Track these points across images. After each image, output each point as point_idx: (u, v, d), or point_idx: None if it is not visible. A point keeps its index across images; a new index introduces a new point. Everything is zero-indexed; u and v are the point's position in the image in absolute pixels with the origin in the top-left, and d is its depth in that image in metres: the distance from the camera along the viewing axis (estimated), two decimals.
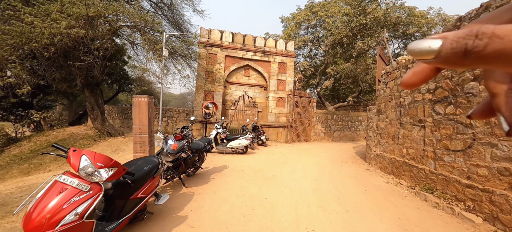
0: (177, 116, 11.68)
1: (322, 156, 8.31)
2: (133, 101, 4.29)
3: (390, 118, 5.96)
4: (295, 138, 12.35)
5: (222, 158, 7.00)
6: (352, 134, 14.29)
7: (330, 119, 13.68)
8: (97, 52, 6.92)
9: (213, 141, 7.40)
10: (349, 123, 14.26)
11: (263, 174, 5.23)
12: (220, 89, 11.87)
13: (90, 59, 6.84)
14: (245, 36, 12.55)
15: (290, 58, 12.97)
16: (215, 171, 5.28)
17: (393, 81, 5.94)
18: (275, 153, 8.49)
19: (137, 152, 4.28)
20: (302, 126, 12.62)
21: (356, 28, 8.34)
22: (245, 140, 7.41)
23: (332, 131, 13.69)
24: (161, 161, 2.88)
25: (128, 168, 2.38)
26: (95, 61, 7.04)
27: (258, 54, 12.50)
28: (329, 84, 13.61)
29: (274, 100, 12.52)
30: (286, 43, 13.12)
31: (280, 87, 12.73)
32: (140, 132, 4.30)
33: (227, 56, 12.19)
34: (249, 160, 6.79)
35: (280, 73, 12.75)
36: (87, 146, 7.97)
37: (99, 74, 8.59)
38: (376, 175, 5.79)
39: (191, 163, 4.26)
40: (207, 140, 4.77)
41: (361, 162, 7.40)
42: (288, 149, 9.67)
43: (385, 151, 6.04)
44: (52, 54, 6.91)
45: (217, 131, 7.43)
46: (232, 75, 12.54)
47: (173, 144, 3.41)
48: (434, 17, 14.98)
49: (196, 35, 9.61)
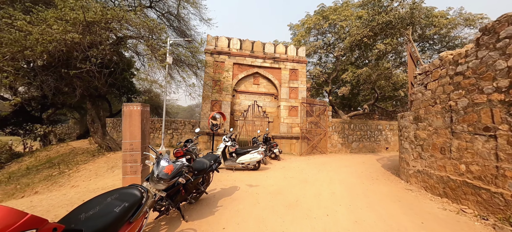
0: (183, 128, 10.94)
1: (346, 172, 7.20)
2: (123, 111, 3.49)
3: (434, 126, 4.89)
4: (310, 150, 11.26)
5: (231, 175, 6.05)
6: (372, 144, 13.03)
7: (348, 129, 12.54)
8: (95, 60, 6.32)
9: (221, 156, 6.51)
10: (368, 132, 13.06)
11: (283, 199, 4.23)
12: (228, 98, 11.10)
13: (86, 66, 6.23)
14: (254, 43, 11.90)
15: (302, 64, 12.15)
16: (224, 194, 4.33)
17: (436, 81, 4.92)
18: (292, 168, 7.45)
19: (126, 173, 3.42)
20: (317, 136, 11.55)
21: (378, 26, 7.48)
22: (257, 154, 6.46)
23: (350, 142, 12.51)
24: (146, 194, 1.99)
25: (88, 211, 1.50)
26: (92, 69, 6.43)
27: (268, 61, 11.77)
28: (345, 91, 12.59)
29: (286, 110, 11.60)
30: (297, 49, 12.36)
31: (292, 96, 11.84)
32: (131, 148, 3.46)
33: (235, 64, 11.51)
34: (263, 178, 5.80)
35: (291, 81, 11.90)
36: (83, 162, 7.27)
37: (101, 85, 8.03)
38: (422, 197, 4.66)
39: (194, 187, 3.34)
40: (214, 157, 3.87)
41: (395, 180, 6.24)
42: (304, 163, 8.61)
43: (431, 167, 4.92)
44: (47, 63, 6.38)
45: (226, 144, 6.55)
46: (240, 84, 11.79)
47: (167, 166, 2.52)
48: (455, 17, 13.91)
49: (202, 41, 8.99)
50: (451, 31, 13.97)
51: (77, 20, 6.16)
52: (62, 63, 7.36)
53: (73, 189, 5.16)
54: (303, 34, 15.20)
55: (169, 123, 11.15)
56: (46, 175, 6.36)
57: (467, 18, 13.57)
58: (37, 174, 6.64)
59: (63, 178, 5.99)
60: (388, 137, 13.56)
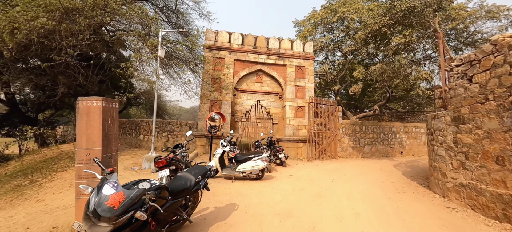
0: (179, 130, 10.02)
1: (364, 181, 6.18)
2: (77, 107, 2.57)
3: (486, 129, 3.85)
4: (319, 154, 10.23)
5: (229, 187, 5.08)
6: (385, 148, 11.92)
7: (359, 131, 11.47)
8: (72, 51, 5.44)
9: (218, 163, 5.55)
10: (381, 135, 11.96)
11: (295, 223, 3.24)
12: (228, 98, 10.17)
13: (61, 58, 5.35)
14: (257, 38, 10.97)
15: (309, 61, 11.16)
16: (217, 217, 3.36)
17: (488, 72, 3.89)
18: (300, 177, 6.45)
19: (81, 193, 2.49)
20: (326, 139, 10.52)
21: (399, 14, 6.49)
22: (260, 161, 5.48)
23: (361, 145, 11.43)
24: None
25: None
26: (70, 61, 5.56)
27: (272, 57, 10.81)
28: (357, 89, 11.53)
29: (291, 110, 10.61)
30: (304, 44, 11.38)
31: (299, 95, 10.84)
32: (87, 160, 2.53)
33: (236, 61, 10.58)
34: (267, 192, 4.81)
35: (297, 79, 10.91)
36: (62, 169, 6.38)
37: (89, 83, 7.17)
38: (473, 220, 3.61)
39: (171, 215, 2.37)
40: (202, 171, 2.89)
41: (426, 193, 5.18)
42: (314, 170, 7.59)
43: (482, 181, 3.87)
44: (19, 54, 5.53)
45: (223, 149, 5.58)
46: (242, 82, 10.85)
47: (113, 195, 1.58)
48: (476, 9, 12.76)
49: (198, 32, 8.06)
50: (471, 26, 12.83)
51: (52, 5, 5.31)
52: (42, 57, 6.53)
53: (37, 203, 4.26)
54: (310, 30, 14.21)
55: (164, 125, 10.25)
56: (16, 185, 5.49)
57: (490, 10, 12.41)
58: (7, 183, 5.79)
59: (32, 189, 5.11)
60: (403, 140, 12.45)
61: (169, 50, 7.54)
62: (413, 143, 12.61)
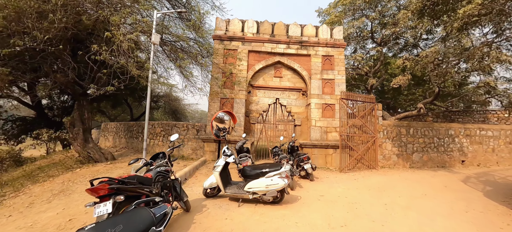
0: (186, 133, 8.73)
1: (437, 210, 4.12)
2: None
3: None
4: (354, 164, 8.15)
5: (232, 215, 3.48)
6: (440, 156, 9.33)
7: (406, 134, 9.10)
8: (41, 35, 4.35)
9: (218, 178, 3.98)
10: (435, 140, 9.40)
11: None
12: (241, 95, 8.64)
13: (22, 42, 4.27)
14: (274, 25, 9.33)
15: (338, 49, 9.18)
16: None
17: None
18: (336, 199, 4.59)
19: None
20: (363, 145, 8.39)
21: None
22: (278, 178, 3.79)
23: (409, 153, 9.04)
24: None
25: None
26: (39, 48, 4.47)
27: (293, 46, 9.07)
28: (403, 81, 9.12)
29: (318, 109, 8.71)
30: (332, 29, 9.45)
31: (327, 90, 8.91)
32: None
33: (250, 52, 9.05)
34: (290, 231, 3.09)
35: (325, 71, 9.00)
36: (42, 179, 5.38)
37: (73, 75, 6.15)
38: None
39: None
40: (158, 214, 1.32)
41: None
42: (352, 187, 5.64)
43: None
44: None
45: (226, 160, 3.99)
46: (258, 77, 9.27)
47: None
48: None
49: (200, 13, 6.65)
50: None
51: None
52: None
53: None
54: (338, 15, 12.16)
55: (170, 127, 9.05)
56: None
57: None
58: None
59: None
60: (464, 146, 9.71)
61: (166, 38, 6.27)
62: (478, 150, 9.79)
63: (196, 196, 4.40)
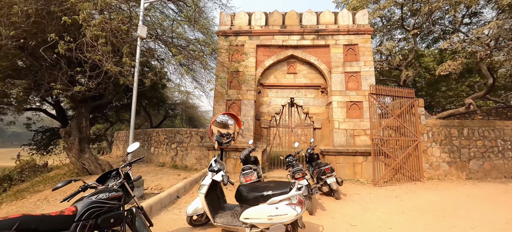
0: (189, 140, 7.84)
1: None
2: None
3: None
4: (392, 174, 6.49)
5: None
6: (508, 164, 7.20)
7: (458, 136, 7.18)
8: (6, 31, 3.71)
9: (204, 203, 2.86)
10: (498, 142, 7.31)
11: None
12: (250, 96, 7.55)
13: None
14: (286, 15, 8.17)
15: (363, 36, 7.70)
16: None
17: None
18: (377, 231, 3.18)
19: None
20: (402, 151, 6.70)
21: None
22: (287, 205, 2.55)
23: (464, 159, 7.08)
24: None
25: None
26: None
27: (308, 36, 7.80)
28: (455, 66, 7.18)
29: (342, 108, 7.26)
30: (354, 14, 8.01)
31: (351, 85, 7.44)
32: None
33: (259, 47, 7.97)
34: None
35: (348, 62, 7.56)
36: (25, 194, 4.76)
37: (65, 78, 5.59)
38: None
39: None
40: None
41: None
42: (395, 210, 4.14)
43: None
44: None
45: (213, 177, 2.85)
46: (268, 74, 8.12)
47: None
48: None
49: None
50: None
51: None
52: None
53: None
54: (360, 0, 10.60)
55: (173, 135, 8.23)
56: None
57: None
58: None
59: None
60: None
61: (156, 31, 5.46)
62: None
63: (181, 224, 3.34)
